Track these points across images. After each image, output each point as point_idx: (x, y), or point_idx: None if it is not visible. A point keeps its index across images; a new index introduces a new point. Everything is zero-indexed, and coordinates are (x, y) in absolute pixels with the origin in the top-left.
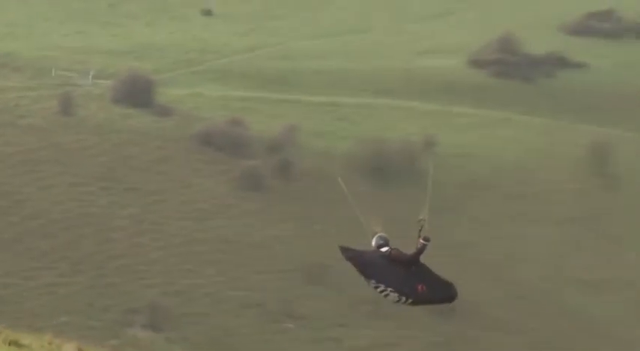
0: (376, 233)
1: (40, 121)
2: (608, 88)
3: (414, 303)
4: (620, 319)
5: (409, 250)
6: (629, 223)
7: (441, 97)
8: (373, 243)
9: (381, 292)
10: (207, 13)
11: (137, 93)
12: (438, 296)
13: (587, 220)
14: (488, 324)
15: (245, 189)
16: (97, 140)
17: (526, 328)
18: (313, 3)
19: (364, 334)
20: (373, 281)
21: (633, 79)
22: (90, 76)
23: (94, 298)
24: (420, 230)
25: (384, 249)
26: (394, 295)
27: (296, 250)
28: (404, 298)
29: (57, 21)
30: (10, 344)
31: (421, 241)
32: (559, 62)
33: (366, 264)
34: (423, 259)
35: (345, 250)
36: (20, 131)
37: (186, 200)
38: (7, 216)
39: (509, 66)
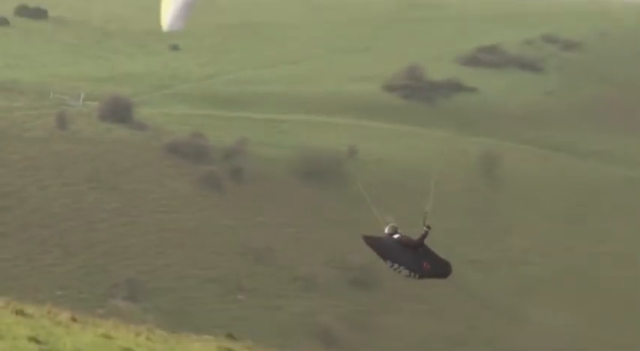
0: (388, 223)
1: (40, 134)
2: (494, 108)
3: (421, 277)
4: (505, 291)
5: (415, 236)
6: (510, 215)
7: (362, 115)
8: (386, 231)
9: (395, 269)
10: (175, 48)
11: (118, 112)
12: (439, 272)
13: (478, 212)
14: (400, 296)
15: (205, 188)
16: (86, 149)
17: (430, 299)
18: (259, 39)
19: (299, 303)
20: (389, 262)
21: (514, 101)
22: (80, 99)
23: (84, 276)
24: (425, 220)
25: (395, 236)
26: (406, 272)
27: (246, 236)
28: (413, 273)
29: (54, 54)
30: (17, 313)
31: (424, 228)
32: (454, 87)
33: (383, 248)
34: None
35: (367, 238)
36: (25, 142)
37: (158, 197)
38: (12, 210)
39: (415, 90)
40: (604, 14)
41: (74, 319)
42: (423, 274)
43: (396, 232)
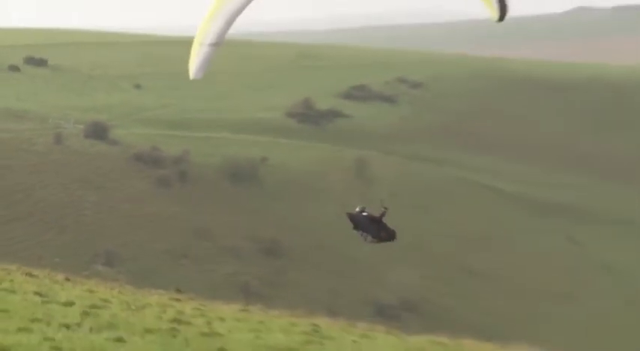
0: (358, 206)
1: (43, 148)
2: (364, 129)
3: (379, 241)
4: (375, 258)
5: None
6: (377, 205)
7: (270, 134)
8: (357, 210)
9: (363, 236)
10: (138, 87)
11: (98, 132)
12: (390, 238)
13: (353, 203)
14: (301, 261)
15: (160, 186)
16: (75, 159)
17: (324, 263)
18: (199, 81)
19: (227, 267)
20: (360, 231)
21: (378, 124)
22: (71, 123)
23: (74, 248)
24: (382, 204)
25: (364, 213)
26: (369, 238)
27: (189, 220)
28: (375, 239)
29: (52, 91)
30: (25, 275)
31: (382, 209)
32: (336, 114)
33: (357, 221)
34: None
35: (348, 214)
36: (31, 154)
37: (127, 193)
38: (22, 202)
39: (308, 116)
40: (437, 63)
41: (67, 279)
42: (380, 240)
43: (364, 211)
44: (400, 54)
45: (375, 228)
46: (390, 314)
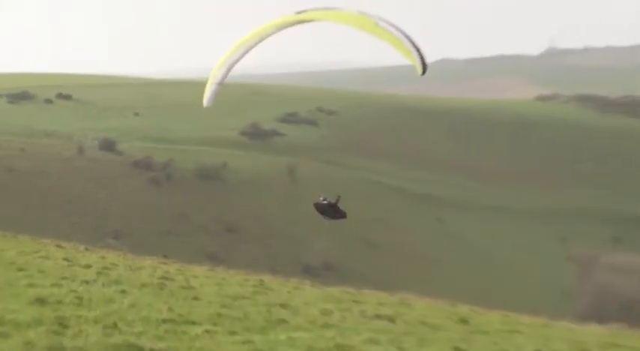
0: (321, 195)
1: (68, 157)
2: (295, 144)
3: (332, 219)
4: (299, 227)
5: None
6: (307, 200)
7: (230, 147)
8: (320, 199)
9: (325, 218)
10: (137, 114)
11: (108, 146)
12: (342, 216)
13: (289, 196)
14: (255, 238)
15: (151, 185)
16: (92, 165)
17: (262, 238)
18: (181, 113)
19: (198, 240)
20: (323, 215)
21: (305, 141)
22: (90, 139)
23: (91, 227)
24: (338, 197)
25: (325, 201)
26: (328, 219)
27: (172, 208)
28: (330, 219)
29: (76, 118)
30: (56, 246)
31: (337, 197)
32: (275, 133)
33: (320, 208)
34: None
35: (315, 203)
36: (60, 162)
37: (129, 189)
38: (54, 196)
39: (255, 135)
40: (348, 97)
41: (87, 249)
42: (335, 219)
43: (325, 200)
44: (321, 91)
45: (332, 211)
46: (314, 273)
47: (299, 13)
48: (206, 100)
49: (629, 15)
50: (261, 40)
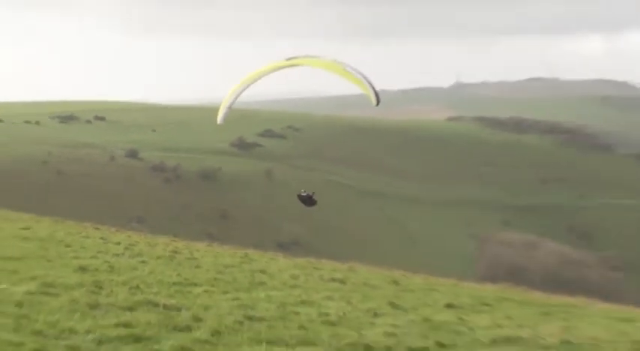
0: (302, 190)
1: (102, 163)
2: (271, 152)
3: (309, 206)
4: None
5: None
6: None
7: (223, 155)
8: (302, 192)
9: (306, 206)
10: (154, 130)
11: (133, 154)
12: (314, 204)
13: (270, 196)
14: (241, 223)
15: (165, 183)
16: (119, 169)
17: (258, 225)
18: (185, 129)
19: (199, 224)
20: (304, 204)
21: (277, 150)
22: (119, 149)
23: (120, 214)
24: (313, 192)
25: (305, 194)
26: (307, 206)
27: (179, 201)
28: (308, 206)
29: (109, 134)
30: (94, 229)
31: (313, 192)
32: (256, 145)
33: (301, 198)
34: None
35: (298, 195)
36: (97, 166)
37: (148, 187)
38: (92, 191)
39: (242, 146)
40: (311, 118)
41: (117, 230)
42: (311, 206)
43: (305, 192)
44: (290, 113)
45: (309, 201)
46: (285, 248)
47: (289, 59)
48: (219, 119)
49: (517, 56)
50: (260, 77)
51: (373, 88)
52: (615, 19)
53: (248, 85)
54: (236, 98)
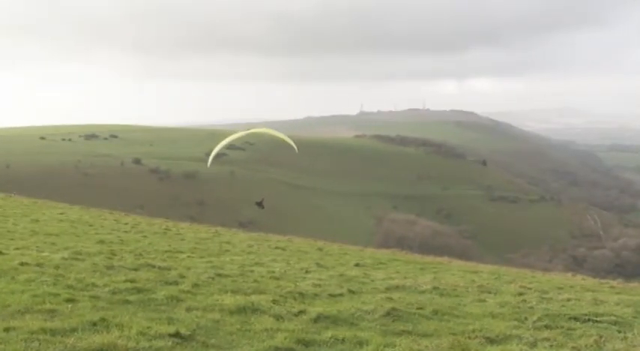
0: (258, 198)
1: (115, 167)
2: (232, 160)
3: (261, 209)
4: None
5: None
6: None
7: (201, 161)
8: (257, 200)
9: (259, 207)
10: (151, 145)
11: (137, 161)
12: (262, 208)
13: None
14: (215, 210)
15: (160, 182)
16: (128, 171)
17: (227, 211)
18: (178, 147)
19: (188, 211)
20: (259, 206)
21: (237, 158)
22: (127, 158)
23: (130, 203)
24: (263, 198)
25: (258, 200)
26: (259, 208)
27: (174, 194)
28: (260, 209)
29: (120, 147)
30: (110, 214)
31: (262, 198)
32: (224, 155)
33: (256, 204)
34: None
35: (256, 202)
36: (113, 170)
37: (146, 183)
38: (111, 188)
39: (217, 156)
40: (259, 135)
41: (126, 215)
42: (262, 208)
43: (260, 200)
44: (251, 134)
45: (260, 205)
46: (244, 226)
47: (248, 129)
48: (209, 163)
49: (401, 94)
50: (233, 139)
51: (293, 142)
52: (464, 69)
53: (226, 144)
54: (218, 150)
